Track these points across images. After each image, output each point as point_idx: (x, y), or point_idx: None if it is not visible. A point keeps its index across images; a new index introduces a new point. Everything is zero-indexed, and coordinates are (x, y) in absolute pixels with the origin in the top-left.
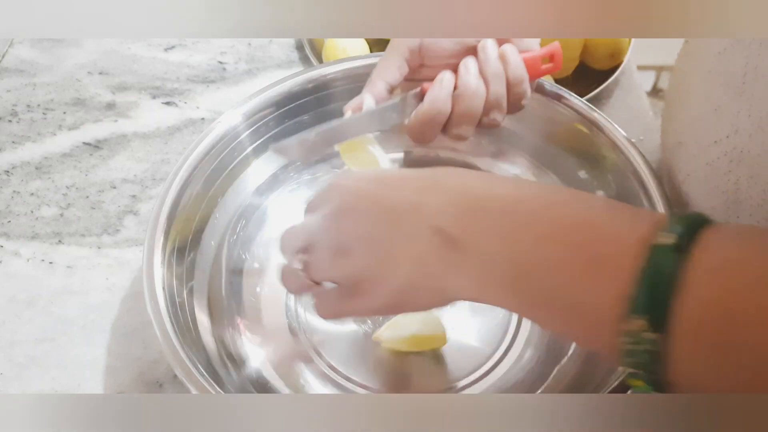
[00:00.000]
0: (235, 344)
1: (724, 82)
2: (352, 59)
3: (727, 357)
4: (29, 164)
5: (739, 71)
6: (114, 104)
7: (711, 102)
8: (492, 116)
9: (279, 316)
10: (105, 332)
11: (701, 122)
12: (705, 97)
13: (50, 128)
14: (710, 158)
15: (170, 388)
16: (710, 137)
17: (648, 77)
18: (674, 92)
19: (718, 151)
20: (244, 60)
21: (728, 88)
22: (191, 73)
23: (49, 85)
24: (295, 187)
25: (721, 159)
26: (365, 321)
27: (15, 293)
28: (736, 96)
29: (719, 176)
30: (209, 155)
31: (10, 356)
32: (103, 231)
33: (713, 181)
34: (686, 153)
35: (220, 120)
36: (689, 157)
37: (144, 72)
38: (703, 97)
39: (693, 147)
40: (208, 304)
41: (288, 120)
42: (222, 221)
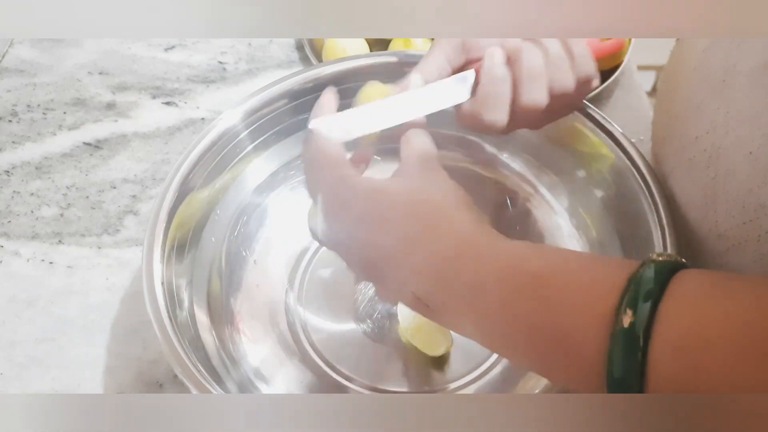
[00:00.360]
0: (234, 343)
1: (706, 79)
2: (352, 59)
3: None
4: (29, 164)
5: (719, 69)
6: (114, 104)
7: (694, 99)
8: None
9: (279, 314)
10: (105, 332)
11: (685, 119)
12: (689, 94)
13: (50, 128)
14: (692, 154)
15: (170, 388)
16: (692, 133)
17: (648, 77)
18: (663, 88)
19: (699, 148)
20: (244, 60)
21: (710, 85)
22: (191, 73)
23: (49, 85)
24: (295, 185)
25: (701, 155)
26: (365, 320)
27: (15, 293)
28: (716, 93)
29: (699, 171)
30: (209, 154)
31: (11, 356)
32: (104, 231)
33: (694, 176)
34: (671, 148)
35: (220, 118)
36: (673, 151)
37: (144, 72)
38: (687, 93)
39: (676, 143)
40: (207, 303)
41: (288, 119)
42: (222, 220)
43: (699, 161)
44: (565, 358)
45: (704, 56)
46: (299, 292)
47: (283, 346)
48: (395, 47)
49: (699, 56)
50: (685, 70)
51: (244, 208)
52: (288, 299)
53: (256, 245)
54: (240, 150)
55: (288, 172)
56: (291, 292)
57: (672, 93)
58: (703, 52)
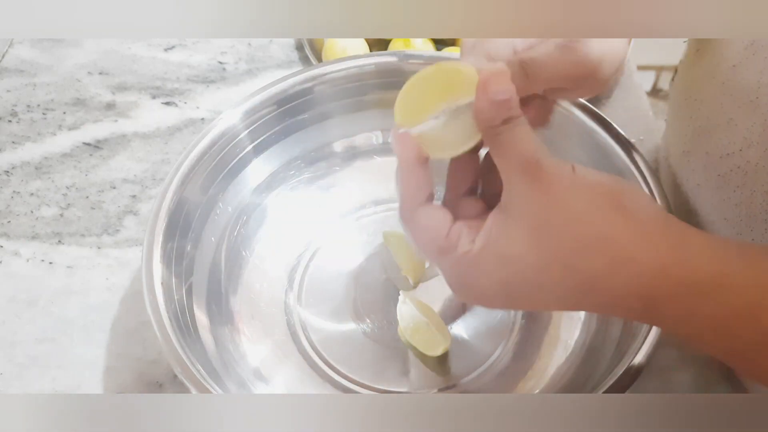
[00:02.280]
0: (234, 343)
1: (737, 94)
2: (352, 59)
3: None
4: (29, 164)
5: (753, 85)
6: (114, 104)
7: (723, 114)
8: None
9: (278, 314)
10: (105, 332)
11: (712, 133)
12: (716, 108)
13: (50, 128)
14: (722, 170)
15: (170, 388)
16: (722, 149)
17: (648, 77)
18: (681, 100)
19: (731, 164)
20: (244, 60)
21: (741, 101)
22: (191, 73)
23: (49, 85)
24: (295, 186)
25: (734, 171)
26: (365, 320)
27: (15, 293)
28: (749, 110)
29: (731, 189)
30: (209, 154)
31: (11, 356)
32: (103, 231)
33: (725, 193)
34: (695, 163)
35: (219, 118)
36: (699, 167)
37: (144, 72)
38: (714, 108)
39: (702, 158)
40: (207, 302)
41: (288, 119)
42: (222, 220)
43: (731, 178)
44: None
45: (733, 72)
46: (299, 292)
47: (283, 346)
48: (395, 47)
49: (727, 72)
50: (711, 84)
51: (244, 208)
52: (288, 299)
53: (256, 245)
54: (240, 150)
55: (288, 172)
56: (291, 292)
57: (693, 106)
58: (733, 68)
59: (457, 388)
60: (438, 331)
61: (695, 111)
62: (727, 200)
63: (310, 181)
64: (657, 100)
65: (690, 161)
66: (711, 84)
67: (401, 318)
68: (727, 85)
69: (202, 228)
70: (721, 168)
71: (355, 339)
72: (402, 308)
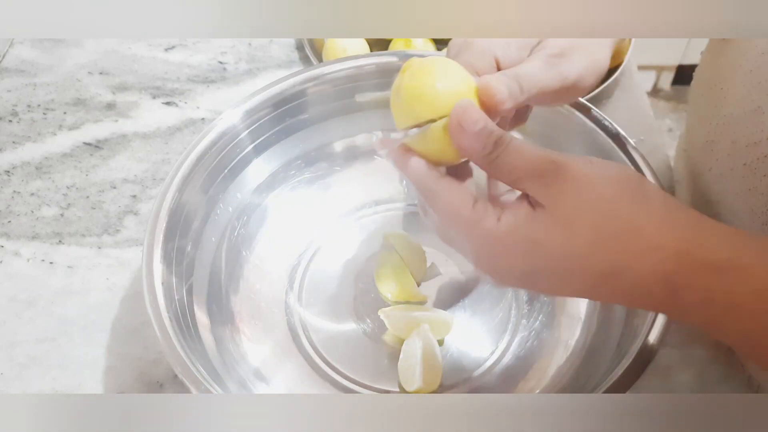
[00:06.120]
0: (234, 343)
1: (766, 83)
2: (352, 59)
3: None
4: (29, 164)
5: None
6: (114, 104)
7: (750, 102)
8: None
9: (279, 314)
10: (105, 332)
11: (738, 122)
12: (743, 97)
13: (50, 128)
14: (748, 159)
15: (170, 388)
16: (748, 138)
17: (648, 77)
18: (704, 89)
19: (758, 152)
20: (245, 60)
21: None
22: (191, 73)
23: (49, 85)
24: (295, 186)
25: (761, 160)
26: (365, 320)
27: (15, 293)
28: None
29: (758, 178)
30: (209, 154)
31: (11, 356)
32: (104, 231)
33: (751, 182)
34: (720, 152)
35: (220, 118)
36: (723, 156)
37: (144, 72)
38: (741, 96)
39: (728, 146)
40: (207, 302)
41: (288, 119)
42: (222, 219)
43: (758, 167)
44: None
45: (763, 60)
46: (299, 292)
47: (283, 346)
48: (395, 47)
49: (756, 59)
50: (737, 73)
51: (244, 208)
52: (288, 299)
53: (256, 245)
54: (240, 150)
55: (288, 172)
56: (291, 292)
57: (717, 95)
58: (762, 55)
59: (457, 389)
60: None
61: (720, 100)
62: (754, 189)
63: (310, 181)
64: (657, 100)
65: (714, 150)
66: (738, 72)
67: (389, 324)
68: (755, 73)
69: (202, 228)
70: (747, 157)
71: (355, 339)
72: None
